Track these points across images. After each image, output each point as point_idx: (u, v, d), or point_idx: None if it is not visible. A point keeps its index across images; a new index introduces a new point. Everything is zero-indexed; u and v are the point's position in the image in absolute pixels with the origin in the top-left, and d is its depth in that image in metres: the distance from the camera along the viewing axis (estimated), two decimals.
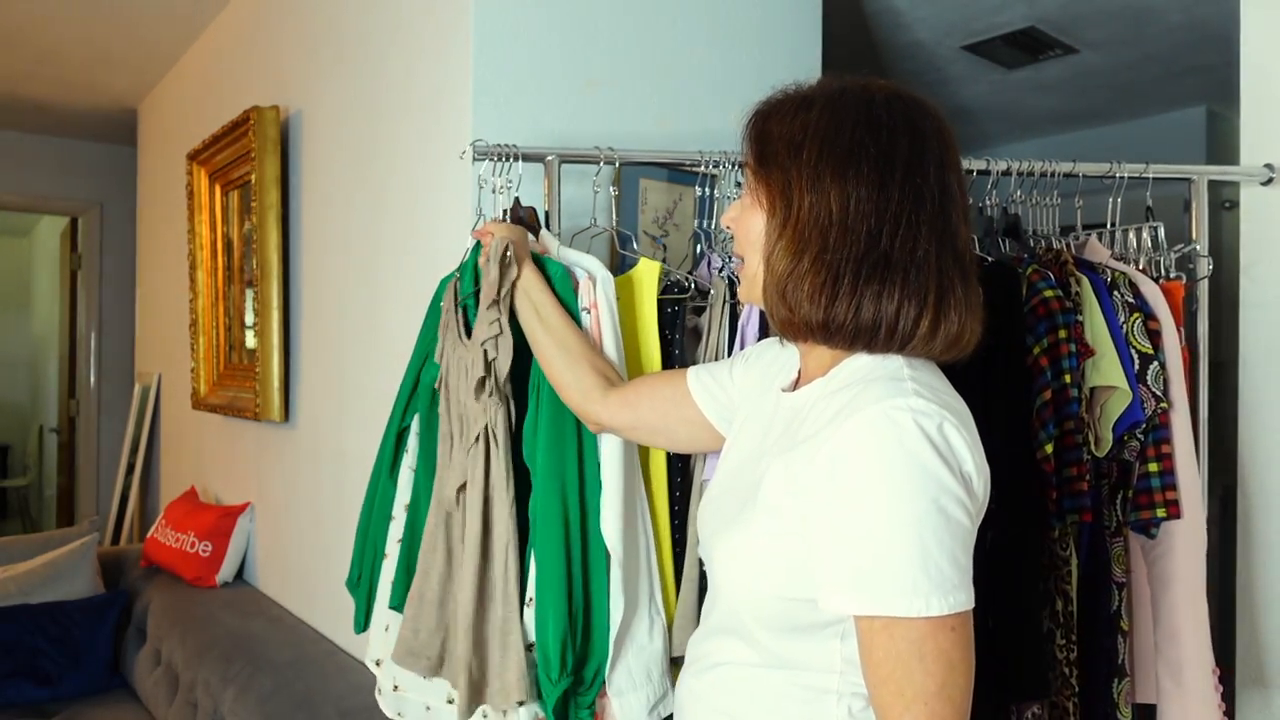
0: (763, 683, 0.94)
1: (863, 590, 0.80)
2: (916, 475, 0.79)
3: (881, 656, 0.80)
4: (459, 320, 1.47)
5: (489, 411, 1.31)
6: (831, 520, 0.82)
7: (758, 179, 0.94)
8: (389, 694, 1.54)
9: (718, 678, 1.00)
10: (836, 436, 0.83)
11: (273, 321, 2.56)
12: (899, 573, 0.78)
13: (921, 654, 0.78)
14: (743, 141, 0.97)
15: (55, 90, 3.87)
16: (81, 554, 2.83)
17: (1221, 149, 3.78)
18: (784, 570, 0.88)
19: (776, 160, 0.92)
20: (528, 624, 1.30)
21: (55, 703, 2.54)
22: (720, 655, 1.00)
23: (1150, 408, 1.47)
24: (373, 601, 1.58)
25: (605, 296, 1.33)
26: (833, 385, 0.92)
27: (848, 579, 0.81)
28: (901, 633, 0.79)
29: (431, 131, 1.89)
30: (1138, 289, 1.55)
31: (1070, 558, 1.46)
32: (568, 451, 1.30)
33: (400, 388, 1.58)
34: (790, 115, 0.92)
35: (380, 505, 1.59)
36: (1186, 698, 1.47)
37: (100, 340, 4.72)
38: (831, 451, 0.83)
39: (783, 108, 0.93)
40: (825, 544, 0.83)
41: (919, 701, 0.78)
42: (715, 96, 2.08)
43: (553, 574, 1.26)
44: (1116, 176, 1.69)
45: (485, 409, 1.31)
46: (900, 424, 0.81)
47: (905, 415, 0.81)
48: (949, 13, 2.87)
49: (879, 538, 0.79)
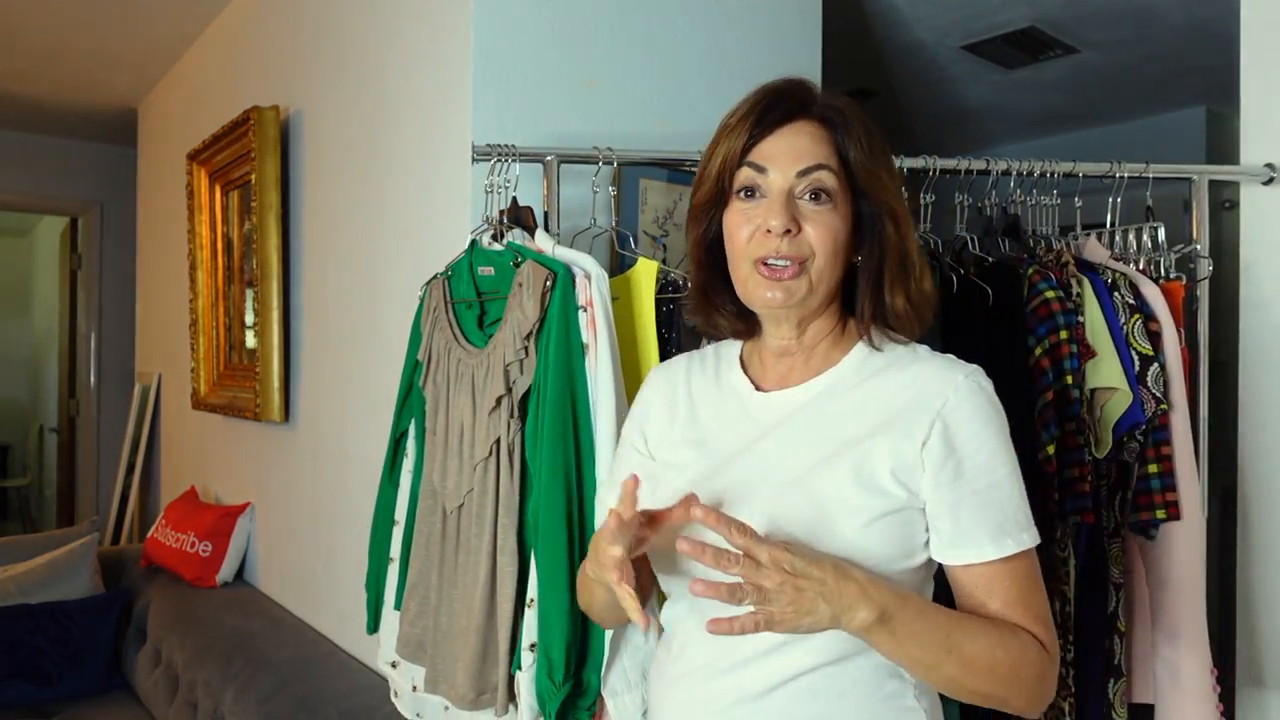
0: (848, 675, 0.94)
1: (1005, 535, 0.94)
2: (1006, 429, 0.97)
3: (1022, 588, 0.95)
4: (453, 321, 1.48)
5: (509, 430, 1.35)
6: (961, 480, 0.93)
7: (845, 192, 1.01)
8: (407, 695, 1.55)
9: (796, 690, 0.94)
10: (942, 408, 0.94)
11: (273, 321, 2.56)
12: (1020, 513, 0.95)
13: (1035, 576, 0.97)
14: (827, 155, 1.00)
15: (55, 90, 3.87)
16: (81, 554, 2.83)
17: (1221, 149, 3.78)
18: (894, 543, 0.94)
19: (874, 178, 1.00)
20: (529, 625, 1.31)
21: (55, 703, 2.54)
22: (789, 668, 0.94)
23: (1150, 409, 1.47)
24: (382, 604, 1.60)
25: (600, 294, 1.35)
26: (871, 366, 1.02)
27: (1007, 526, 0.94)
28: (1025, 563, 0.95)
29: (431, 131, 1.89)
30: (1138, 290, 1.55)
31: (1068, 558, 1.46)
32: (571, 456, 1.31)
33: (397, 393, 1.59)
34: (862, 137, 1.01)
35: (383, 511, 1.61)
36: (1185, 698, 1.47)
37: (100, 340, 4.71)
38: (941, 422, 0.94)
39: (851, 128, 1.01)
40: (958, 503, 0.93)
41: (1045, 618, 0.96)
42: (715, 97, 2.08)
43: (557, 577, 1.27)
44: (1116, 176, 1.69)
45: (504, 426, 1.35)
46: (987, 389, 0.97)
47: (985, 381, 0.98)
48: (949, 13, 2.87)
49: (1004, 487, 0.95)
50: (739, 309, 1.06)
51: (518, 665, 1.33)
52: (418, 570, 1.49)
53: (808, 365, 1.05)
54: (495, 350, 1.37)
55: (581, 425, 1.32)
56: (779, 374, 1.06)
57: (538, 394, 1.33)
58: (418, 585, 1.48)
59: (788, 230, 0.96)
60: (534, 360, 1.33)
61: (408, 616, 1.49)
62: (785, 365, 1.05)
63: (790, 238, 0.96)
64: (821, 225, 0.97)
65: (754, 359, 1.10)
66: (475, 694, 1.36)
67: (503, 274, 1.44)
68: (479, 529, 1.38)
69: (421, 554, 1.48)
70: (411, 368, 1.56)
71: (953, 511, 0.94)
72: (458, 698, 1.38)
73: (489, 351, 1.39)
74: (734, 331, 1.10)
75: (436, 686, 1.43)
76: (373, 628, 1.62)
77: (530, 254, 1.40)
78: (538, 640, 1.30)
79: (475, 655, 1.36)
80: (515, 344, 1.34)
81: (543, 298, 1.33)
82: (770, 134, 0.99)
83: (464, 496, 1.40)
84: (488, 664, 1.36)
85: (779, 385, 1.05)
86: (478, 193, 1.65)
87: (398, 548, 1.57)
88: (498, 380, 1.35)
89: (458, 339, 1.46)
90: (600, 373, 1.32)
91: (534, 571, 1.31)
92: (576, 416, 1.31)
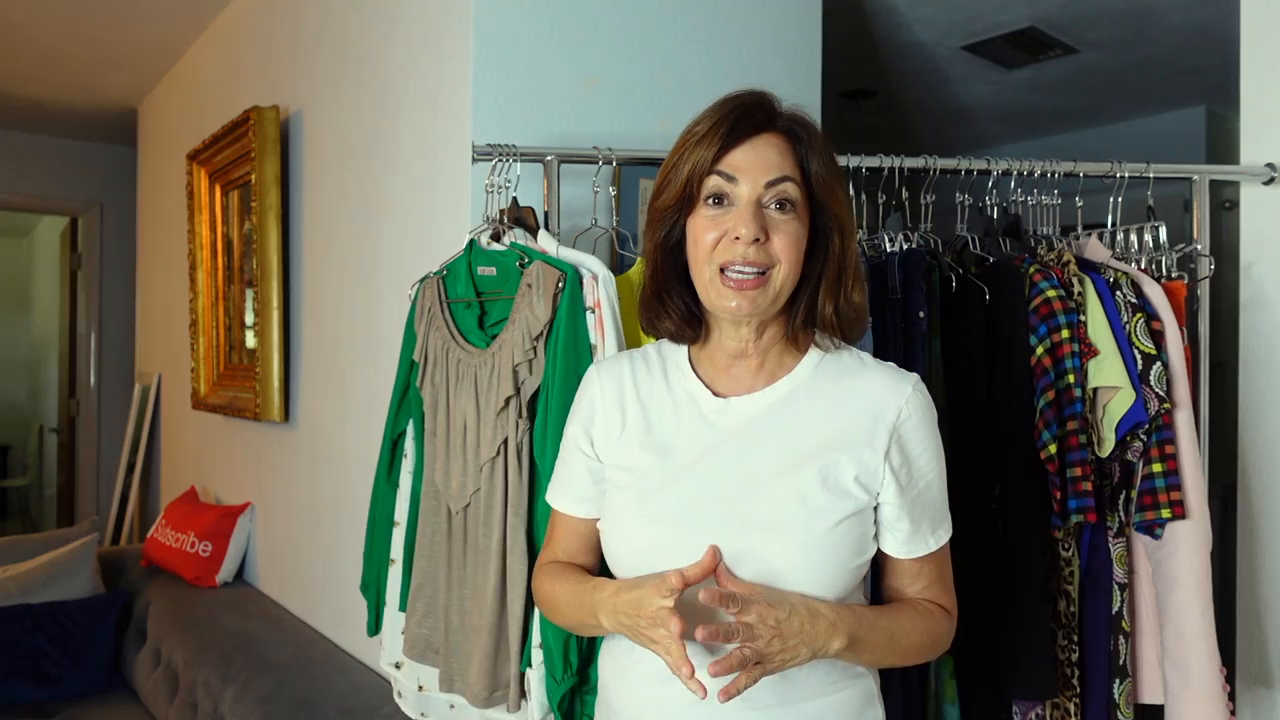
0: (850, 670, 1.05)
1: (939, 528, 1.08)
2: (938, 431, 1.08)
3: (942, 569, 1.10)
4: (449, 321, 1.48)
5: (517, 430, 1.35)
6: (912, 484, 1.04)
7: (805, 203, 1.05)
8: (412, 695, 1.55)
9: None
10: (897, 420, 1.03)
11: (273, 321, 2.56)
12: (945, 506, 1.10)
13: (948, 556, 1.12)
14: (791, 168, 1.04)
15: (55, 90, 3.87)
16: (81, 554, 2.83)
17: (1221, 149, 3.78)
18: (856, 540, 1.02)
19: (830, 191, 1.06)
20: (537, 624, 1.33)
21: (55, 703, 2.54)
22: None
23: (1154, 408, 1.47)
24: (383, 606, 1.60)
25: (607, 294, 1.35)
26: (825, 373, 1.08)
27: (939, 519, 1.08)
28: (946, 548, 1.11)
29: (431, 132, 1.89)
30: (1140, 289, 1.55)
31: (1073, 558, 1.46)
32: None
33: (392, 394, 1.59)
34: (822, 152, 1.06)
35: (382, 512, 1.60)
36: (1194, 697, 1.47)
37: (100, 340, 4.71)
38: (898, 432, 1.03)
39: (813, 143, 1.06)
40: (912, 504, 1.05)
41: (951, 588, 1.12)
42: (715, 97, 2.07)
43: None
44: (1117, 176, 1.69)
45: (512, 426, 1.35)
46: (929, 398, 1.07)
47: (925, 389, 1.07)
48: (949, 13, 2.87)
49: (935, 485, 1.07)
50: (688, 314, 1.10)
51: (528, 663, 1.34)
52: (423, 571, 1.48)
53: (762, 369, 1.08)
54: (501, 350, 1.37)
55: None
56: (734, 378, 1.09)
57: (546, 394, 1.33)
58: (424, 586, 1.48)
59: (757, 239, 1.00)
60: (543, 361, 1.34)
61: (414, 617, 1.49)
62: (740, 368, 1.09)
63: (758, 245, 1.01)
64: (787, 234, 1.02)
65: (704, 362, 1.12)
66: (489, 692, 1.37)
67: (505, 274, 1.44)
68: (487, 529, 1.38)
69: (426, 554, 1.48)
70: (407, 368, 1.56)
71: (910, 512, 1.05)
72: (472, 696, 1.39)
73: (493, 351, 1.39)
74: (679, 336, 1.12)
75: (451, 685, 1.44)
76: (374, 629, 1.62)
77: (537, 255, 1.40)
78: (541, 638, 1.31)
79: (488, 653, 1.37)
80: (524, 344, 1.34)
81: (553, 299, 1.33)
82: (738, 145, 1.04)
83: (470, 497, 1.40)
84: (500, 662, 1.37)
85: (736, 390, 1.09)
86: (478, 193, 1.65)
87: (399, 549, 1.57)
88: (505, 380, 1.36)
89: (455, 339, 1.46)
90: None
91: None
92: None
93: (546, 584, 1.15)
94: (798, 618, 0.94)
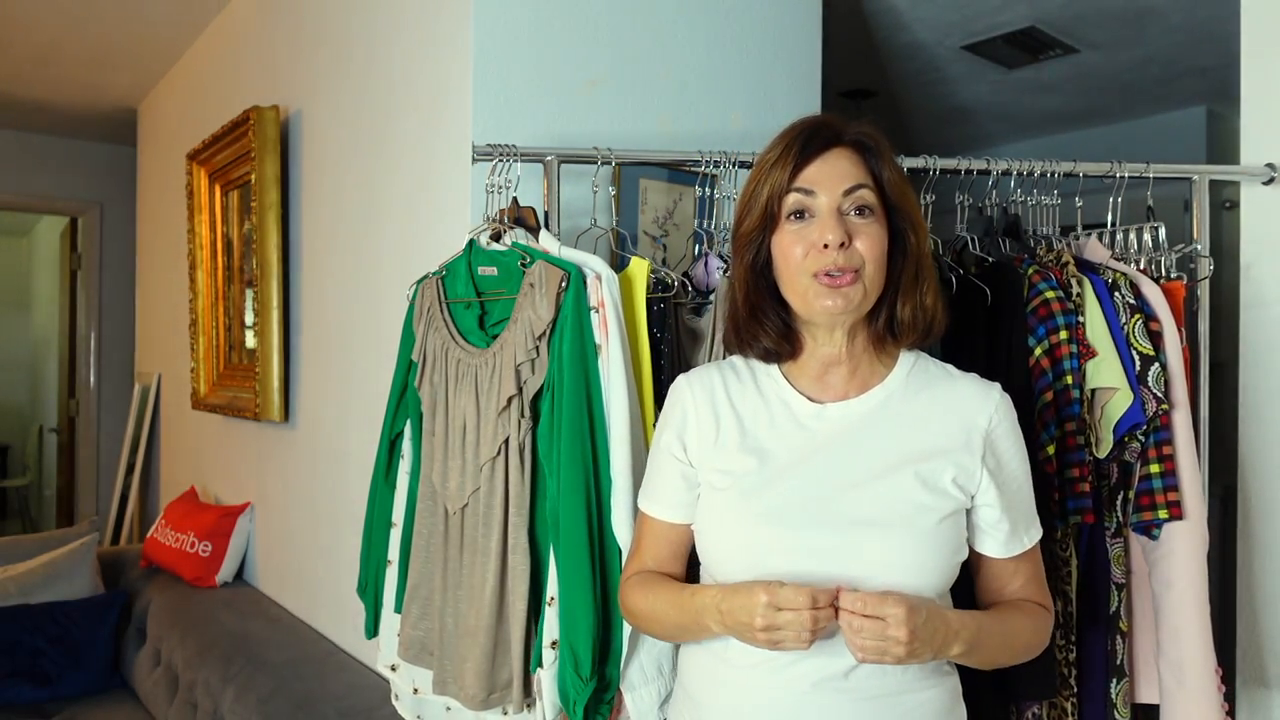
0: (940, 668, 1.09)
1: (1032, 526, 1.15)
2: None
3: (1037, 567, 1.16)
4: (448, 321, 1.48)
5: (519, 430, 1.35)
6: (1007, 486, 1.11)
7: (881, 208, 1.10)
8: (408, 698, 1.55)
9: (871, 668, 1.03)
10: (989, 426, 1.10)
11: (273, 321, 2.56)
12: (1034, 505, 1.16)
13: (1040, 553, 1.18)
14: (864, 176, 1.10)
15: (55, 90, 3.87)
16: (81, 554, 2.83)
17: (1221, 149, 3.78)
18: (956, 538, 1.07)
19: (903, 194, 1.12)
20: (549, 623, 1.32)
21: (55, 703, 2.54)
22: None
23: (1152, 409, 1.47)
24: (380, 607, 1.60)
25: (610, 295, 1.36)
26: (916, 382, 1.13)
27: (1030, 518, 1.14)
28: (1039, 545, 1.16)
29: (431, 132, 1.89)
30: (1139, 290, 1.55)
31: (1070, 558, 1.46)
32: (589, 455, 1.32)
33: (389, 394, 1.59)
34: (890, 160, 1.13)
35: (379, 513, 1.60)
36: (1189, 697, 1.47)
37: (100, 340, 4.71)
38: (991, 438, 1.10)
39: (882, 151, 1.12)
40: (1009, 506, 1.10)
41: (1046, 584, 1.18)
42: (715, 96, 2.08)
43: (580, 574, 1.28)
44: (1117, 176, 1.69)
45: (514, 426, 1.36)
46: (1011, 404, 1.14)
47: (1009, 397, 1.13)
48: (949, 13, 2.87)
49: (1026, 486, 1.14)
50: (784, 328, 1.14)
51: (538, 663, 1.34)
52: (419, 572, 1.48)
53: (855, 376, 1.13)
54: (503, 350, 1.37)
55: (597, 425, 1.33)
56: (827, 385, 1.14)
57: (551, 394, 1.33)
58: (419, 587, 1.48)
59: (842, 244, 1.05)
60: (545, 360, 1.34)
61: (409, 619, 1.49)
62: (834, 376, 1.14)
63: (844, 250, 1.05)
64: (869, 236, 1.07)
65: (795, 374, 1.16)
66: (485, 694, 1.37)
67: (507, 274, 1.44)
68: (486, 529, 1.38)
69: (423, 556, 1.48)
70: (405, 368, 1.56)
71: (1008, 513, 1.10)
72: (467, 698, 1.38)
73: (494, 351, 1.39)
74: (775, 353, 1.15)
75: (445, 688, 1.43)
76: (372, 632, 1.62)
77: (539, 254, 1.41)
78: (560, 637, 1.30)
79: (484, 655, 1.36)
80: (527, 344, 1.34)
81: (557, 298, 1.33)
82: (812, 161, 1.09)
83: (468, 497, 1.40)
84: (498, 664, 1.37)
85: (830, 397, 1.13)
86: (478, 193, 1.65)
87: (396, 550, 1.57)
88: (507, 380, 1.36)
89: (455, 339, 1.46)
90: (613, 373, 1.33)
91: (553, 570, 1.32)
92: (592, 417, 1.32)
93: (637, 596, 1.17)
94: (929, 624, 0.98)
